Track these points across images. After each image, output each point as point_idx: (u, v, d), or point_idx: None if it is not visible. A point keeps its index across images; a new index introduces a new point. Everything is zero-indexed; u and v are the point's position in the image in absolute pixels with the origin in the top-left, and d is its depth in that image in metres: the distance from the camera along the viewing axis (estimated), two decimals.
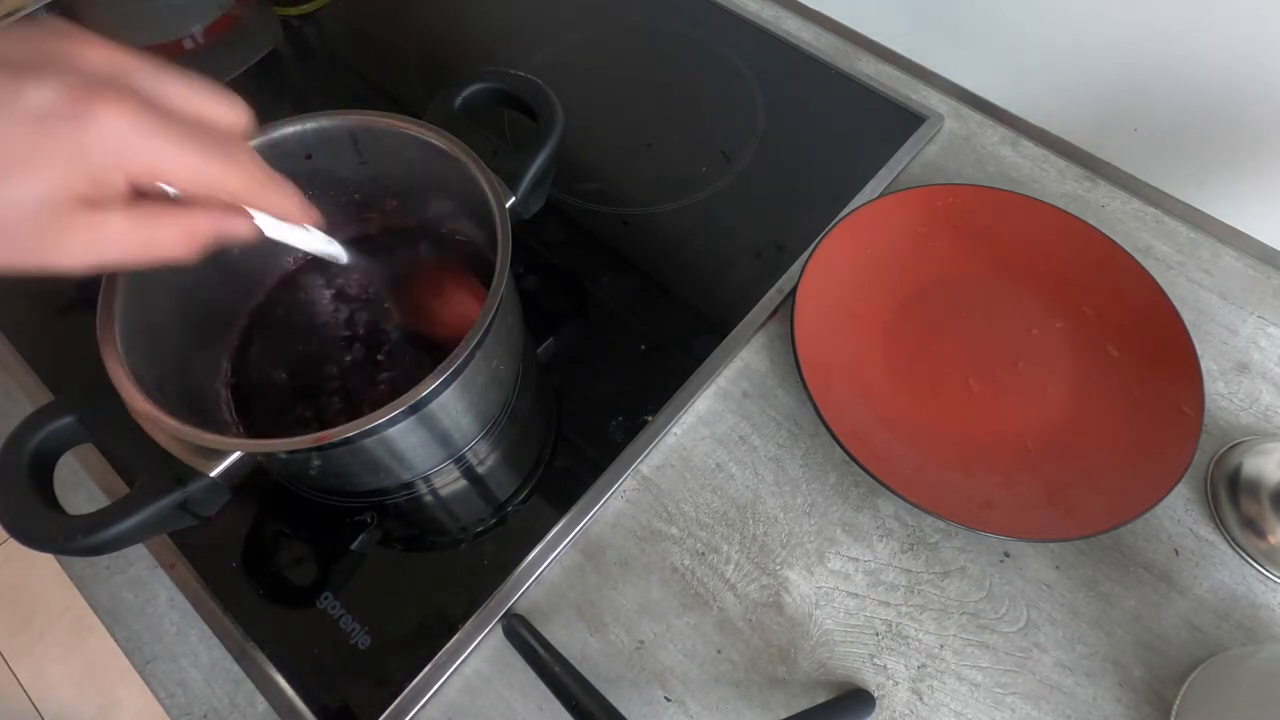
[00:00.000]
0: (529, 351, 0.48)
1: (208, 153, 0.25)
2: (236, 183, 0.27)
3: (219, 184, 0.26)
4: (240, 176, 0.27)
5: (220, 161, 0.26)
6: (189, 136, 0.25)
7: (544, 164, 0.42)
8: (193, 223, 0.27)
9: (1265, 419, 0.46)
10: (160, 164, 0.24)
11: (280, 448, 0.33)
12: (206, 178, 0.26)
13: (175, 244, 0.26)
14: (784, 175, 0.56)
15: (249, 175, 0.27)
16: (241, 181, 0.27)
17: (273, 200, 0.29)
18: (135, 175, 0.24)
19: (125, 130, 0.23)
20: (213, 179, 0.26)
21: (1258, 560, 0.41)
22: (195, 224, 0.27)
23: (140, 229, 0.25)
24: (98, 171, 0.23)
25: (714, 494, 0.44)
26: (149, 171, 0.24)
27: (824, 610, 0.41)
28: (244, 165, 0.27)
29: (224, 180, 0.26)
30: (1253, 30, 0.45)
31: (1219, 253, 0.52)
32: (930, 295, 0.50)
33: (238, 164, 0.27)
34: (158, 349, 0.37)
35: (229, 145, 0.26)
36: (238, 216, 0.28)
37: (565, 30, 0.65)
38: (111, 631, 0.42)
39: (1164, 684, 0.39)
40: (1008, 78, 0.58)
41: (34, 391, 0.47)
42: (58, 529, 0.31)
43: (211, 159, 0.25)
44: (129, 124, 0.23)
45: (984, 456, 0.44)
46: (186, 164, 0.25)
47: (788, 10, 0.66)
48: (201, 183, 0.26)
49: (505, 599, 0.40)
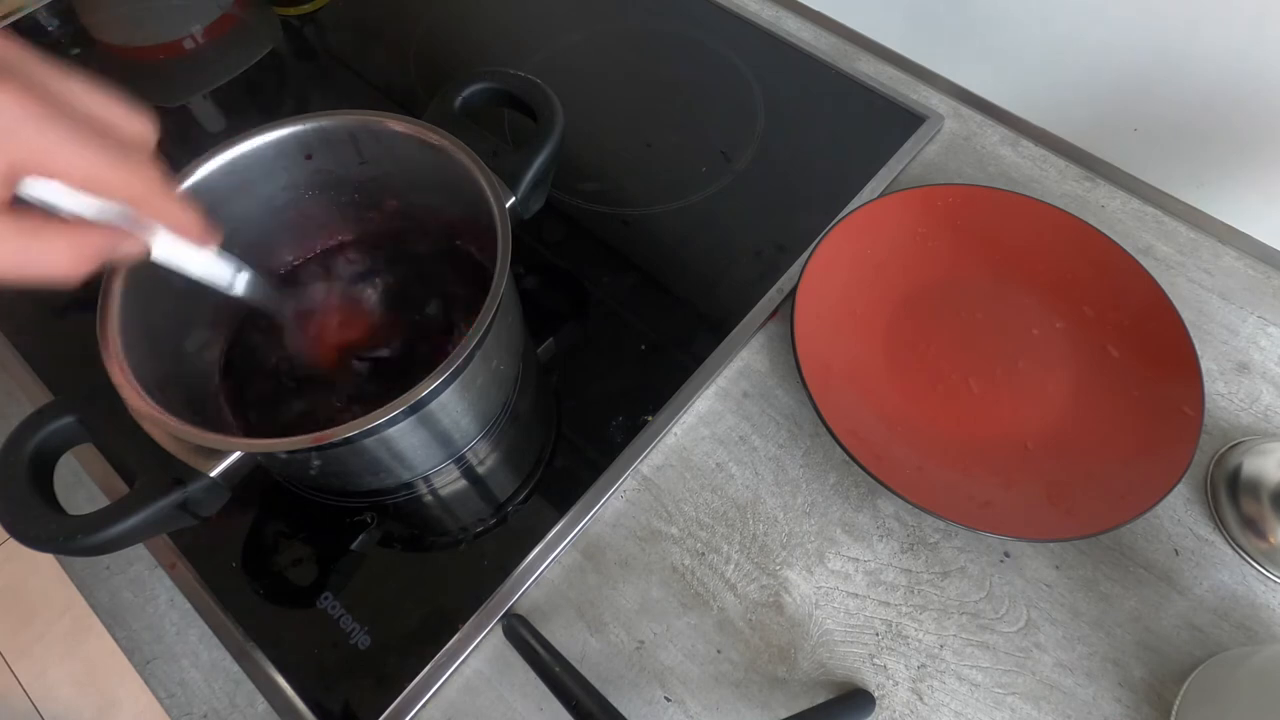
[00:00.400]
0: (529, 351, 0.48)
1: (101, 150, 0.24)
2: (132, 185, 0.25)
3: (112, 184, 0.24)
4: (136, 179, 0.25)
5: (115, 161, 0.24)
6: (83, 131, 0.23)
7: (544, 164, 0.42)
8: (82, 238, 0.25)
9: (1265, 419, 0.46)
10: (48, 154, 0.23)
11: (280, 447, 0.33)
12: (99, 176, 0.24)
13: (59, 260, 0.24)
14: (784, 175, 0.56)
15: (145, 179, 0.25)
16: (138, 184, 0.25)
17: (169, 209, 0.27)
18: (20, 164, 0.22)
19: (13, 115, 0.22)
20: (106, 178, 0.24)
21: (1258, 560, 0.41)
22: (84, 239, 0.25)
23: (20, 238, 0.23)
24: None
25: (714, 494, 0.44)
26: (36, 161, 0.23)
27: (824, 610, 0.41)
28: (141, 169, 0.25)
29: (117, 180, 0.24)
30: (1253, 30, 0.45)
31: (1219, 253, 0.52)
32: (930, 295, 0.50)
33: (134, 166, 0.25)
34: (158, 349, 0.37)
35: (128, 149, 0.25)
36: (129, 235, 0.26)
37: (565, 30, 0.65)
38: (111, 631, 0.42)
39: (1164, 684, 0.39)
40: (1008, 78, 0.58)
41: (34, 391, 0.47)
42: (58, 529, 0.31)
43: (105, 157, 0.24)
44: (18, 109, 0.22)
45: (984, 456, 0.44)
46: (77, 157, 0.23)
47: (788, 10, 0.66)
48: (94, 181, 0.24)
49: (505, 599, 0.40)
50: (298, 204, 0.44)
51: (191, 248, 0.30)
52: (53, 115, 0.23)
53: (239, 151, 0.39)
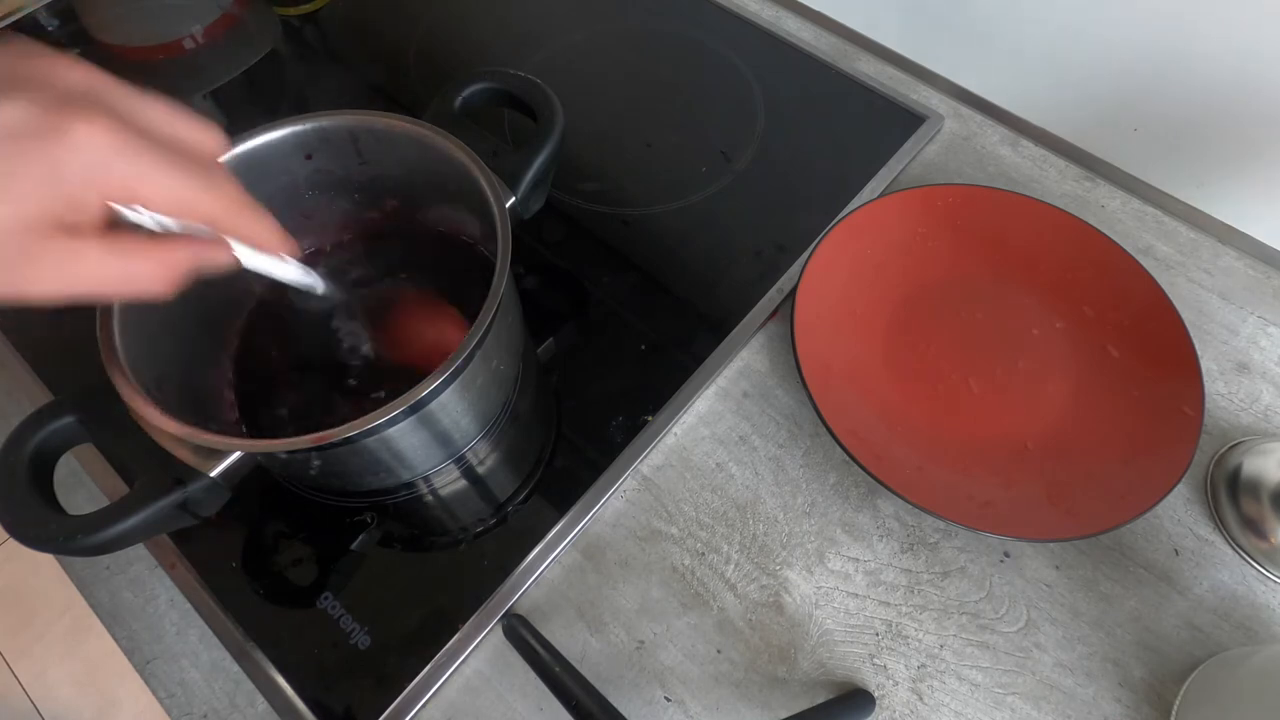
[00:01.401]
0: (529, 351, 0.48)
1: (186, 174, 0.25)
2: (215, 206, 0.26)
3: (198, 207, 0.25)
4: (219, 200, 0.26)
5: (199, 184, 0.25)
6: (167, 157, 0.24)
7: (544, 164, 0.42)
8: (171, 255, 0.26)
9: (1265, 419, 0.46)
10: (138, 184, 0.24)
11: (280, 448, 0.33)
12: (185, 200, 0.25)
13: (153, 277, 0.25)
14: (784, 175, 0.56)
15: (227, 199, 0.26)
16: (220, 205, 0.26)
17: (251, 227, 0.28)
18: (112, 195, 0.23)
19: (102, 148, 0.23)
20: (191, 201, 0.25)
21: (1258, 560, 0.41)
22: (173, 256, 0.26)
23: (117, 259, 0.24)
24: (73, 190, 0.23)
25: (714, 494, 0.44)
26: (126, 191, 0.24)
27: (824, 610, 0.41)
28: (222, 189, 0.26)
29: (203, 203, 0.25)
30: (1253, 30, 0.45)
31: (1219, 253, 0.52)
32: (930, 295, 0.50)
33: (216, 187, 0.26)
34: (158, 349, 0.37)
35: (207, 168, 0.26)
36: (215, 247, 0.27)
37: (565, 30, 0.65)
38: (111, 631, 0.42)
39: (1164, 684, 0.39)
40: (1008, 78, 0.58)
41: (34, 391, 0.47)
42: (58, 529, 0.31)
43: (190, 181, 0.25)
44: (106, 142, 0.23)
45: (984, 456, 0.44)
46: (165, 185, 0.24)
47: (788, 10, 0.66)
48: (180, 205, 0.25)
49: (505, 599, 0.40)
50: (298, 204, 0.44)
51: (273, 258, 0.31)
52: (140, 144, 0.23)
53: (239, 151, 0.39)
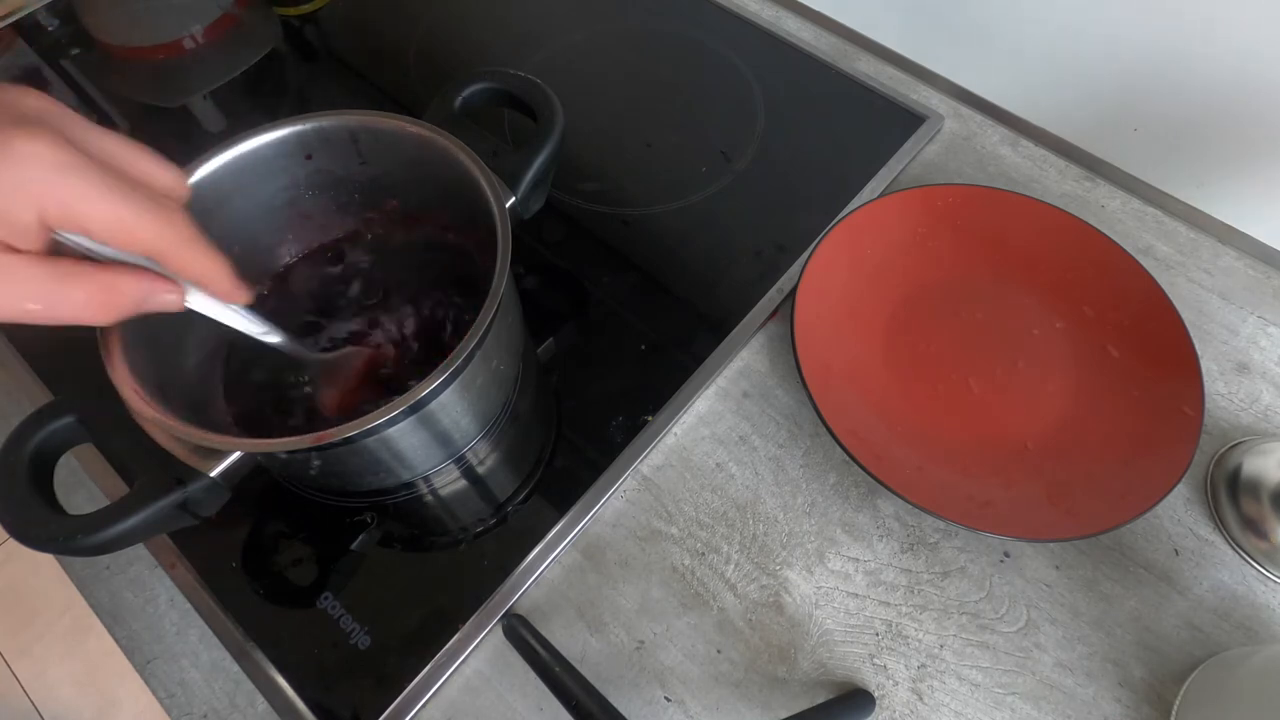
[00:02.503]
0: (529, 351, 0.48)
1: (130, 201, 0.23)
2: (159, 238, 0.24)
3: (140, 236, 0.24)
4: (164, 232, 0.24)
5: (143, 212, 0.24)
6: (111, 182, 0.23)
7: (544, 164, 0.42)
8: (113, 283, 0.25)
9: (1265, 419, 0.46)
10: (77, 203, 0.23)
11: (280, 447, 0.33)
12: (129, 229, 0.24)
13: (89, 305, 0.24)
14: (784, 175, 0.56)
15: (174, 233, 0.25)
16: (165, 237, 0.25)
17: (201, 266, 0.26)
18: (50, 213, 0.22)
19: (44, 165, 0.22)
20: (136, 231, 0.24)
21: (1258, 560, 0.41)
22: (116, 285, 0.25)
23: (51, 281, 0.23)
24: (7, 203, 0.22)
25: (714, 494, 0.44)
26: (65, 210, 0.23)
27: (824, 610, 0.41)
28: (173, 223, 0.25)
29: (145, 233, 0.24)
30: (1253, 30, 0.45)
31: (1219, 253, 0.52)
32: (930, 295, 0.50)
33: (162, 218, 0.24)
34: (158, 348, 0.37)
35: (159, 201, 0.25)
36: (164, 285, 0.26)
37: (565, 30, 0.65)
38: (111, 631, 0.42)
39: (1164, 684, 0.39)
40: (1008, 78, 0.58)
41: (34, 391, 0.47)
42: (58, 529, 0.31)
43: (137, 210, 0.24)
44: (49, 160, 0.22)
45: (984, 456, 0.44)
46: (106, 207, 0.23)
47: (788, 10, 0.66)
48: (121, 231, 0.24)
49: (505, 599, 0.40)
50: (298, 204, 0.44)
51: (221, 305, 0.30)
52: (85, 165, 0.23)
53: (239, 151, 0.39)
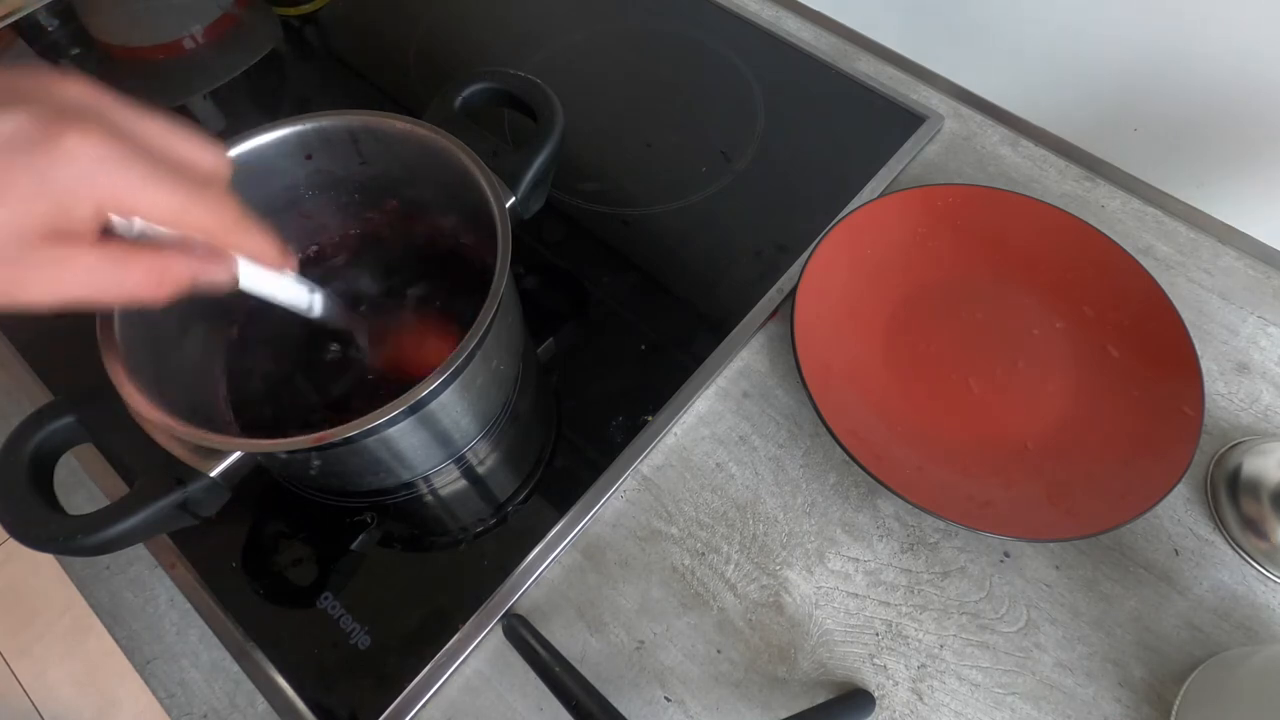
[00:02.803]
0: (529, 351, 0.48)
1: (181, 188, 0.25)
2: (210, 220, 0.26)
3: (191, 220, 0.25)
4: (214, 214, 0.26)
5: (192, 195, 0.25)
6: (162, 170, 0.24)
7: (544, 164, 0.42)
8: (166, 264, 0.26)
9: (1265, 419, 0.46)
10: (130, 194, 0.24)
11: (280, 447, 0.33)
12: (178, 212, 0.25)
13: (146, 284, 0.25)
14: (784, 175, 0.56)
15: (224, 214, 0.26)
16: (216, 219, 0.26)
17: (249, 242, 0.28)
18: (104, 205, 0.24)
19: (94, 157, 0.23)
20: (185, 214, 0.25)
21: (1258, 560, 0.41)
22: (168, 265, 0.26)
23: (109, 266, 0.24)
24: (65, 199, 0.23)
25: (714, 494, 0.44)
26: (118, 202, 0.24)
27: (824, 610, 0.41)
28: (217, 201, 0.26)
29: (196, 216, 0.25)
30: (1253, 30, 0.45)
31: (1219, 253, 0.52)
32: (930, 295, 0.50)
33: (213, 202, 0.26)
34: (158, 349, 0.37)
35: (202, 182, 0.26)
36: (214, 262, 0.27)
37: (565, 30, 0.65)
38: (111, 631, 0.42)
39: (1164, 684, 0.39)
40: (1008, 78, 0.58)
41: (34, 391, 0.47)
42: (58, 529, 0.31)
43: (184, 194, 0.25)
44: (99, 152, 0.23)
45: (984, 456, 0.44)
46: (157, 196, 0.24)
47: (788, 10, 0.66)
48: (173, 215, 0.25)
49: (505, 599, 0.40)
50: (298, 204, 0.44)
51: (271, 274, 0.31)
52: (134, 156, 0.24)
53: (239, 151, 0.39)
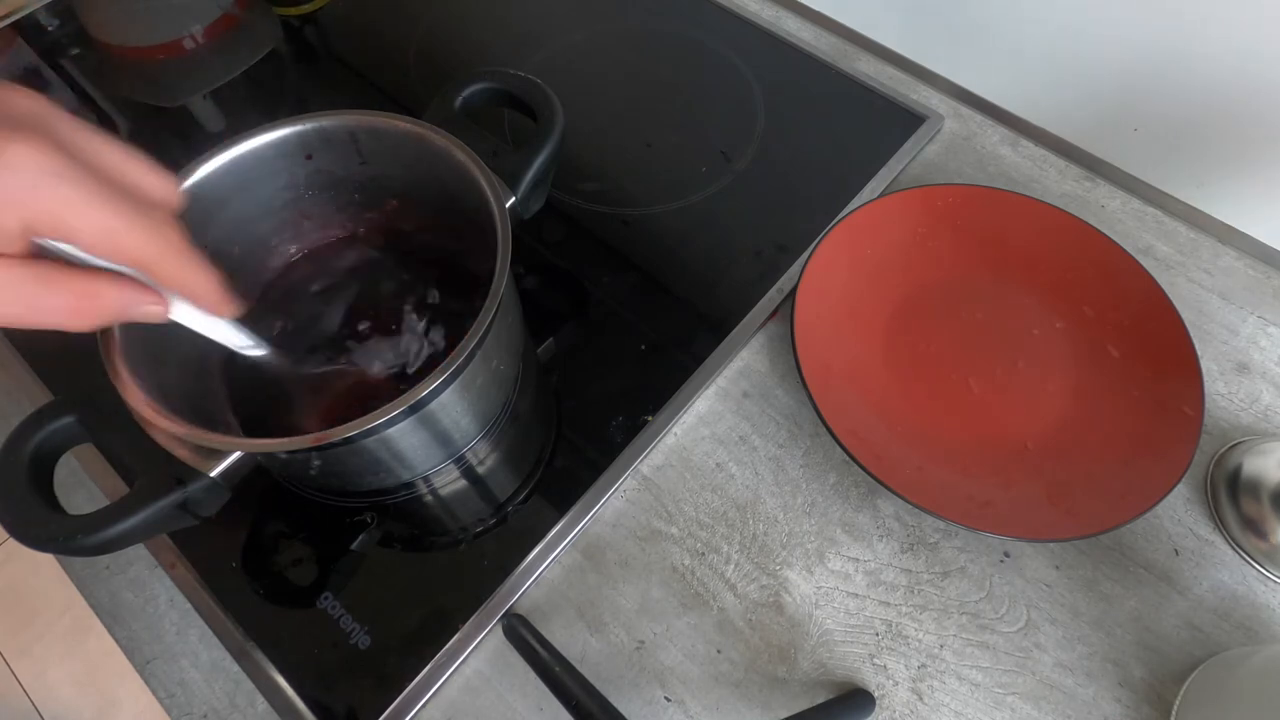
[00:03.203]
0: (529, 351, 0.48)
1: (119, 211, 0.23)
2: (148, 249, 0.24)
3: (128, 247, 0.24)
4: (153, 243, 0.24)
5: (132, 222, 0.23)
6: (102, 190, 0.23)
7: (544, 164, 0.42)
8: (96, 290, 0.24)
9: (1265, 419, 0.46)
10: (65, 212, 0.22)
11: (280, 448, 0.33)
12: (115, 236, 0.23)
13: (67, 311, 0.24)
14: (784, 175, 0.56)
15: (163, 244, 0.24)
16: (153, 249, 0.24)
17: (186, 277, 0.26)
18: (36, 220, 0.22)
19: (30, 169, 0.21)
20: (121, 239, 0.23)
21: (1258, 560, 0.41)
22: (98, 293, 0.24)
23: (31, 285, 0.23)
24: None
25: (714, 494, 0.44)
26: (51, 218, 0.22)
27: (824, 610, 0.41)
28: (163, 234, 0.24)
29: (134, 243, 0.24)
30: (1253, 30, 0.45)
31: (1219, 253, 0.52)
32: (930, 295, 0.50)
33: (153, 229, 0.24)
34: (158, 348, 0.37)
35: (150, 211, 0.24)
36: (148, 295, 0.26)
37: (565, 30, 0.65)
38: (111, 631, 0.42)
39: (1164, 684, 0.39)
40: (1008, 78, 0.58)
41: (34, 391, 0.47)
42: (58, 529, 0.31)
43: (123, 217, 0.23)
44: (36, 164, 0.21)
45: (984, 456, 0.44)
46: (94, 217, 0.22)
47: (788, 10, 0.66)
48: (108, 241, 0.23)
49: (505, 599, 0.40)
50: (298, 204, 0.44)
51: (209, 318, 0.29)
52: (73, 172, 0.22)
53: (239, 151, 0.39)
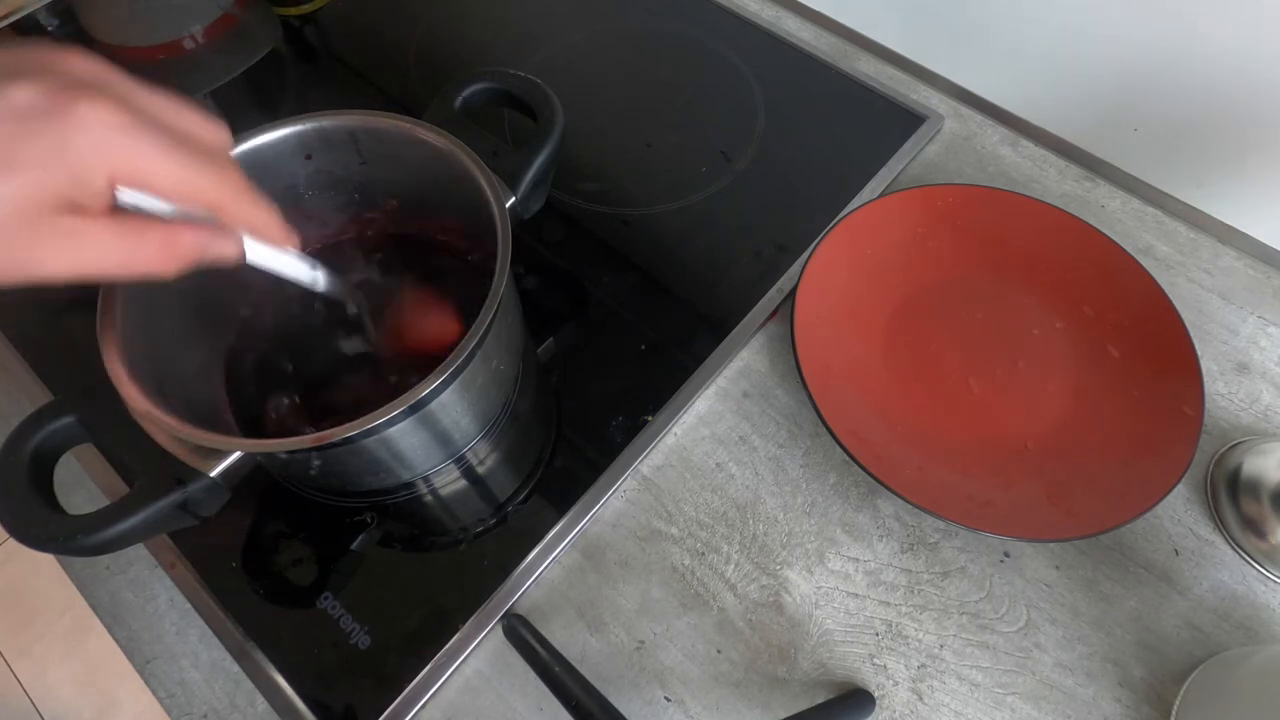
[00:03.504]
0: (529, 351, 0.48)
1: (189, 159, 0.25)
2: (219, 192, 0.27)
3: (202, 192, 0.26)
4: (223, 187, 0.27)
5: (202, 169, 0.26)
6: (172, 141, 0.25)
7: (544, 164, 0.42)
8: (177, 237, 0.26)
9: (1265, 419, 0.46)
10: (143, 165, 0.24)
11: (280, 447, 0.33)
12: (189, 184, 0.26)
13: (157, 258, 0.26)
14: (784, 175, 0.56)
15: (232, 187, 0.27)
16: (225, 192, 0.27)
17: (255, 216, 0.29)
18: (117, 174, 0.24)
19: (107, 127, 0.23)
20: (196, 186, 0.26)
21: (1258, 560, 0.41)
22: (179, 239, 0.26)
23: (123, 239, 0.25)
24: (78, 169, 0.23)
25: (714, 494, 0.44)
26: (131, 172, 0.24)
27: (824, 610, 0.41)
28: (227, 176, 0.27)
29: (207, 188, 0.26)
30: (1253, 30, 0.45)
31: (1219, 253, 0.52)
32: (930, 295, 0.50)
33: (222, 174, 0.26)
34: (158, 348, 0.37)
35: (212, 156, 0.26)
36: (223, 236, 0.28)
37: (565, 30, 0.65)
38: (111, 631, 0.42)
39: (1164, 684, 0.39)
40: (1008, 78, 0.58)
41: (34, 391, 0.47)
42: (58, 529, 0.31)
43: (194, 166, 0.25)
44: (112, 122, 0.23)
45: (984, 456, 0.44)
46: (170, 167, 0.25)
47: (788, 10, 0.66)
48: (184, 188, 0.26)
49: (505, 599, 0.40)
50: (298, 204, 0.44)
51: (275, 250, 0.31)
52: (141, 125, 0.24)
53: (239, 151, 0.39)
